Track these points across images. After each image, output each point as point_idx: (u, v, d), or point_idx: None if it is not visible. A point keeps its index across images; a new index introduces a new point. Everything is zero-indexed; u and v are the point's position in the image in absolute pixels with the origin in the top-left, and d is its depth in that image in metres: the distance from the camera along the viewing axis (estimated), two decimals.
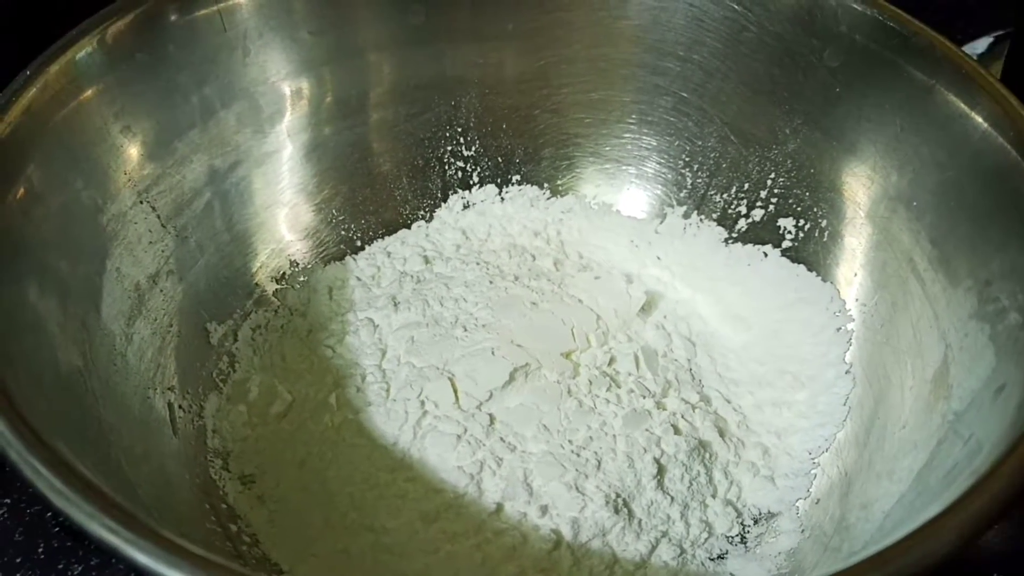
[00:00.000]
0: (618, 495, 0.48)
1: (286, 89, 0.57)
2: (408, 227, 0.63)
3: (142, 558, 0.29)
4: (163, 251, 0.52)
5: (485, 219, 0.63)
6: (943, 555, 0.30)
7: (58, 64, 0.46)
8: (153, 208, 0.51)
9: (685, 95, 0.59)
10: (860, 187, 0.53)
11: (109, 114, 0.48)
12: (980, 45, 0.75)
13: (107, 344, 0.46)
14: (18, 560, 0.48)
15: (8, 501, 0.50)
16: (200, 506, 0.47)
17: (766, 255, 0.59)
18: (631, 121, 0.61)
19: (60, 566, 0.48)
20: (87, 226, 0.46)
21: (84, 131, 0.47)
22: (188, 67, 0.52)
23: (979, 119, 0.46)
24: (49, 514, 0.50)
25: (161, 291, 0.51)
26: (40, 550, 0.48)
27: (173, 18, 0.51)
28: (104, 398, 0.43)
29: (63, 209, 0.45)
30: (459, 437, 0.49)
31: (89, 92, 0.47)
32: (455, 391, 0.51)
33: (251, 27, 0.54)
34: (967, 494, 0.32)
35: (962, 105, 0.47)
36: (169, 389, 0.50)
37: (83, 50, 0.47)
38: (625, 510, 0.48)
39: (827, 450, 0.51)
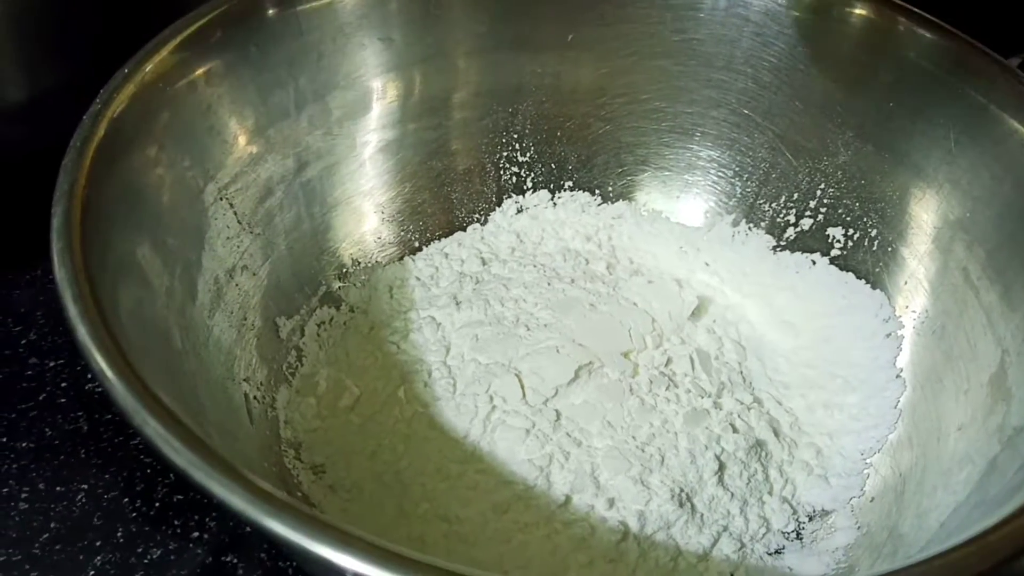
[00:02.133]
0: (682, 490, 0.50)
1: (356, 93, 0.58)
2: (463, 229, 0.65)
3: (282, 529, 0.31)
4: (238, 247, 0.53)
5: (538, 223, 0.65)
6: None
7: (152, 62, 0.47)
8: (231, 205, 0.53)
9: (738, 107, 0.61)
10: (911, 199, 0.56)
11: (198, 113, 0.50)
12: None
13: (195, 331, 0.48)
14: (98, 543, 0.49)
15: (85, 487, 0.51)
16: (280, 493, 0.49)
17: (814, 263, 0.61)
18: (684, 131, 0.63)
19: (139, 550, 0.49)
20: (191, 208, 0.49)
21: (181, 125, 0.48)
22: (269, 69, 0.53)
23: None
24: (126, 499, 0.51)
25: (237, 285, 0.53)
26: (119, 534, 0.49)
27: (254, 20, 0.53)
28: (198, 379, 0.45)
29: (174, 185, 0.47)
30: (527, 432, 0.51)
31: (181, 88, 0.49)
32: (522, 387, 0.53)
33: (326, 32, 0.56)
34: None
35: (1016, 123, 0.50)
36: (245, 380, 0.52)
37: (176, 48, 0.48)
38: (688, 504, 0.50)
39: (879, 451, 0.53)
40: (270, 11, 0.53)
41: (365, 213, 0.61)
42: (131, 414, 0.34)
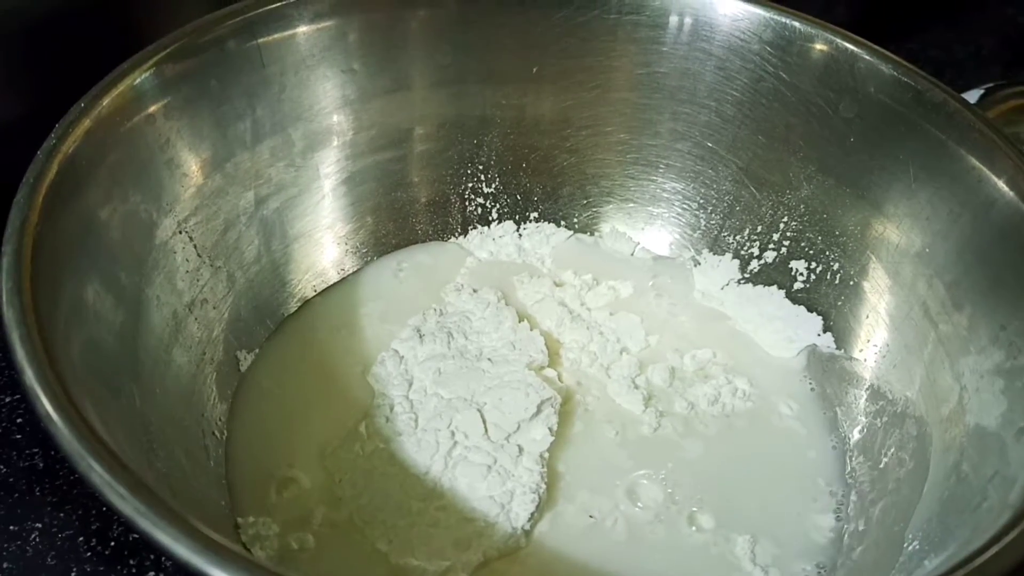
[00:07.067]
0: None
1: (318, 125, 0.58)
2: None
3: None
4: (198, 280, 0.53)
5: (503, 253, 0.65)
6: None
7: (110, 96, 0.47)
8: (191, 238, 0.52)
9: (702, 140, 0.61)
10: (872, 233, 0.56)
11: (156, 146, 0.49)
12: (971, 97, 0.78)
13: (151, 367, 0.47)
14: None
15: (39, 526, 0.50)
16: (235, 533, 0.48)
17: (775, 296, 0.62)
18: (648, 163, 0.64)
19: None
20: (145, 243, 0.48)
21: (138, 159, 0.48)
22: (228, 102, 0.53)
23: (991, 173, 0.49)
24: (81, 538, 0.50)
25: (196, 319, 0.52)
26: (73, 574, 0.49)
27: (214, 53, 0.52)
28: (153, 417, 0.44)
29: (128, 220, 0.46)
30: (489, 467, 0.51)
31: (139, 122, 0.48)
32: (484, 422, 0.52)
33: (288, 64, 0.55)
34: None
35: (974, 160, 0.50)
36: (202, 415, 0.51)
37: (134, 82, 0.48)
38: None
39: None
40: (231, 43, 0.52)
41: (327, 245, 0.61)
42: (76, 459, 0.33)
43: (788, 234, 0.61)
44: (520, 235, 0.66)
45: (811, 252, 0.60)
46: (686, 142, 0.62)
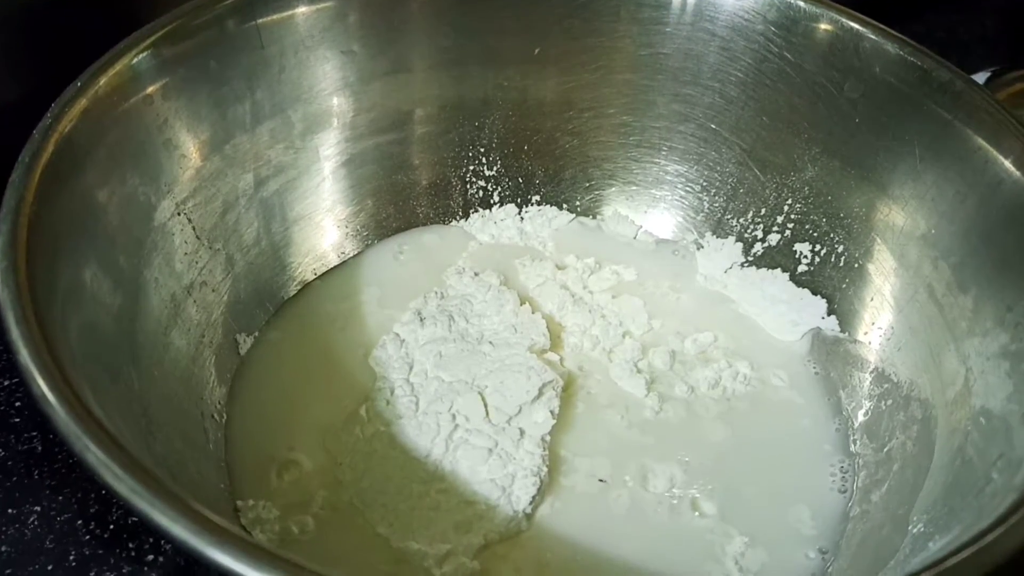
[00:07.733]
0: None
1: (318, 106, 0.57)
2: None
3: (221, 557, 0.30)
4: (197, 263, 0.52)
5: (505, 236, 0.65)
6: None
7: (107, 76, 0.46)
8: (189, 220, 0.52)
9: (705, 122, 0.61)
10: (877, 214, 0.55)
11: (154, 127, 0.49)
12: (977, 80, 0.77)
13: (150, 350, 0.47)
14: (49, 567, 0.48)
15: (38, 509, 0.50)
16: (234, 516, 0.48)
17: (779, 279, 0.61)
18: (651, 145, 0.63)
19: (92, 573, 0.48)
20: (144, 225, 0.48)
21: (135, 140, 0.48)
22: (227, 83, 0.53)
23: (997, 154, 0.48)
24: (79, 522, 0.50)
25: (195, 302, 0.52)
26: (71, 557, 0.48)
27: (213, 33, 0.52)
28: (152, 400, 0.44)
29: (126, 202, 0.46)
30: (490, 450, 0.50)
31: (136, 103, 0.48)
32: (485, 405, 0.52)
33: (287, 45, 0.55)
34: None
35: (981, 140, 0.49)
36: (201, 398, 0.51)
37: (131, 62, 0.47)
38: None
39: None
40: (229, 23, 0.52)
41: (327, 228, 0.61)
42: (72, 440, 0.33)
43: (792, 216, 0.60)
44: (522, 218, 0.65)
45: (815, 234, 0.59)
46: (689, 124, 0.61)
